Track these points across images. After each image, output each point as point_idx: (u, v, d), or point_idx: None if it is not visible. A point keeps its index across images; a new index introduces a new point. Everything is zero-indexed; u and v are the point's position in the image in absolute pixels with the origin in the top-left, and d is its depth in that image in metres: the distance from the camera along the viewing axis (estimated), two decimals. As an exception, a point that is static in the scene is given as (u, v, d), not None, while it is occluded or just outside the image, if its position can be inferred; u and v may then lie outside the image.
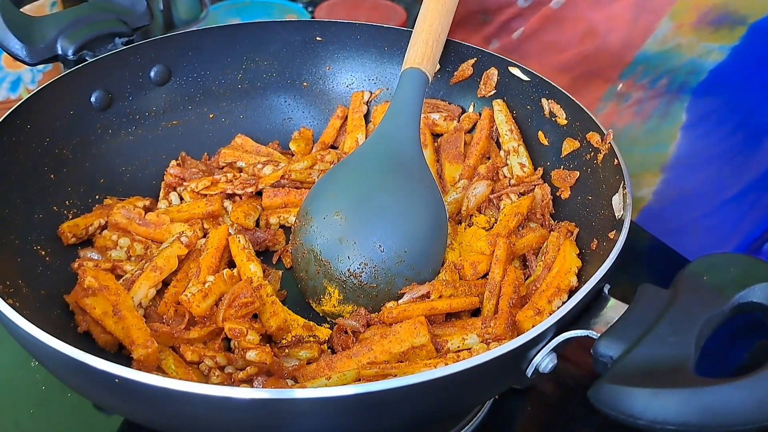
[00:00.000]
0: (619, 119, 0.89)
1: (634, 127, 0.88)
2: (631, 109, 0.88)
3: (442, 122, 0.79)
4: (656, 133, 0.87)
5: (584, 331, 0.50)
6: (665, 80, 0.85)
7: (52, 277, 0.63)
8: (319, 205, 0.65)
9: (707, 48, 0.82)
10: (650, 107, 0.87)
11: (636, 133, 0.88)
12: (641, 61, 0.86)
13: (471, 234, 0.68)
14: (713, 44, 0.81)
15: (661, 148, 0.87)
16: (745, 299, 0.49)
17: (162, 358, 0.57)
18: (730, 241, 0.86)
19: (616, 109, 0.89)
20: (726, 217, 0.86)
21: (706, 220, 0.86)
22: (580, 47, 0.89)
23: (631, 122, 0.88)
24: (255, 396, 0.43)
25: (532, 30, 0.94)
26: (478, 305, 0.63)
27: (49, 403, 0.64)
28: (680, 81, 0.84)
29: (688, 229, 0.88)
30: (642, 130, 0.88)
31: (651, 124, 0.87)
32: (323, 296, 0.64)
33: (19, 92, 0.95)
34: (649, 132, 0.87)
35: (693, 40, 0.82)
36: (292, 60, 0.84)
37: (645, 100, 0.87)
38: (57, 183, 0.69)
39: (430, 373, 0.44)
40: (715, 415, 0.42)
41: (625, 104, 0.88)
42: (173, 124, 0.80)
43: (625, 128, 0.89)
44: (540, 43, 0.94)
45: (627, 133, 0.89)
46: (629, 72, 0.87)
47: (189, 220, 0.70)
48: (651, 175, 0.88)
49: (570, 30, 0.90)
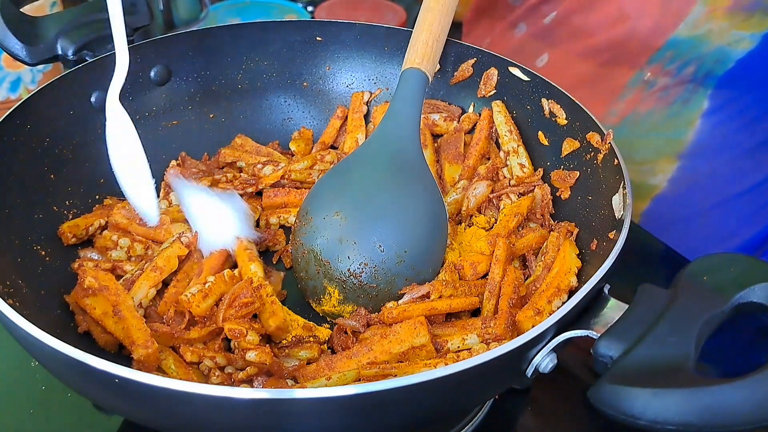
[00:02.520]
0: (641, 105, 0.88)
1: (654, 113, 0.87)
2: (654, 96, 0.87)
3: (442, 123, 0.79)
4: (676, 119, 0.86)
5: (584, 331, 0.50)
6: (692, 68, 0.84)
7: (52, 277, 0.63)
8: (319, 205, 0.65)
9: (738, 36, 0.81)
10: (674, 94, 0.86)
11: (656, 119, 0.87)
12: (671, 47, 0.85)
13: (471, 234, 0.68)
14: (744, 32, 0.81)
15: (679, 134, 0.86)
16: (745, 299, 0.49)
17: (162, 358, 0.57)
18: (739, 234, 0.86)
19: (640, 96, 0.88)
20: (738, 209, 0.86)
21: (716, 210, 0.86)
22: (610, 32, 0.88)
23: (652, 108, 0.87)
24: (255, 396, 0.43)
25: (564, 13, 0.93)
26: (478, 305, 0.63)
27: (49, 403, 0.64)
28: (707, 69, 0.84)
29: (697, 218, 0.87)
30: (662, 116, 0.87)
31: (672, 110, 0.86)
32: (323, 296, 0.64)
33: (19, 92, 0.95)
34: (669, 118, 0.87)
35: (724, 26, 0.81)
36: (292, 60, 0.84)
37: (670, 87, 0.86)
38: (57, 183, 0.69)
39: (430, 373, 0.44)
40: (715, 415, 0.42)
41: (650, 91, 0.87)
42: (173, 124, 0.80)
43: (647, 114, 0.88)
44: (570, 27, 0.93)
45: (647, 119, 0.88)
46: (657, 58, 0.86)
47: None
48: (667, 161, 0.87)
49: (601, 14, 0.89)
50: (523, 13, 0.98)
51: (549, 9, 0.95)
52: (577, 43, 0.92)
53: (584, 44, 0.91)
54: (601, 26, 0.89)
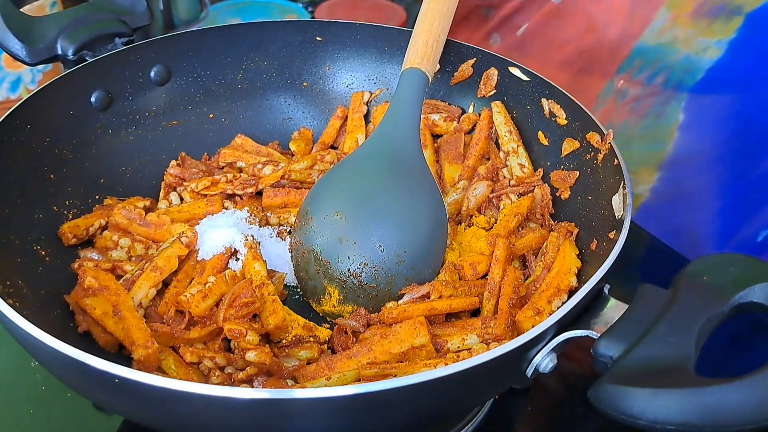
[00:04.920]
0: (616, 116, 0.89)
1: (630, 125, 0.88)
2: (627, 107, 0.88)
3: (442, 123, 0.79)
4: (653, 131, 0.87)
5: (584, 331, 0.50)
6: (661, 77, 0.85)
7: (52, 277, 0.63)
8: (319, 205, 0.65)
9: (704, 44, 0.81)
10: (647, 105, 0.86)
11: (633, 130, 0.88)
12: (638, 55, 0.85)
13: (471, 234, 0.68)
14: (710, 39, 0.81)
15: (659, 146, 0.86)
16: (745, 299, 0.49)
17: (162, 358, 0.57)
18: (726, 248, 0.86)
19: (614, 106, 0.89)
20: (724, 222, 0.86)
21: (703, 224, 0.86)
22: (580, 42, 0.89)
23: (627, 119, 0.88)
24: (255, 396, 0.43)
25: (535, 26, 0.94)
26: (478, 305, 0.63)
27: (49, 403, 0.64)
28: (676, 79, 0.84)
29: (685, 230, 0.87)
30: (639, 127, 0.87)
31: (648, 122, 0.87)
32: (323, 296, 0.64)
33: (19, 92, 0.95)
34: (646, 130, 0.87)
35: (690, 33, 0.82)
36: (292, 60, 0.84)
37: (642, 98, 0.86)
38: (57, 183, 0.69)
39: (430, 373, 0.44)
40: (715, 415, 0.42)
41: (622, 101, 0.88)
42: (173, 124, 0.80)
43: (622, 125, 0.88)
44: (542, 39, 0.94)
45: (624, 130, 0.88)
46: (626, 66, 0.87)
47: (189, 221, 0.70)
48: (648, 172, 0.88)
49: (571, 25, 0.90)
50: (496, 24, 0.99)
51: (521, 20, 0.96)
52: (550, 54, 0.93)
53: (557, 55, 0.92)
54: (571, 38, 0.90)
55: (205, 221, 0.69)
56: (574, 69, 0.91)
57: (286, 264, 0.68)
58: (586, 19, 0.88)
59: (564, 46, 0.91)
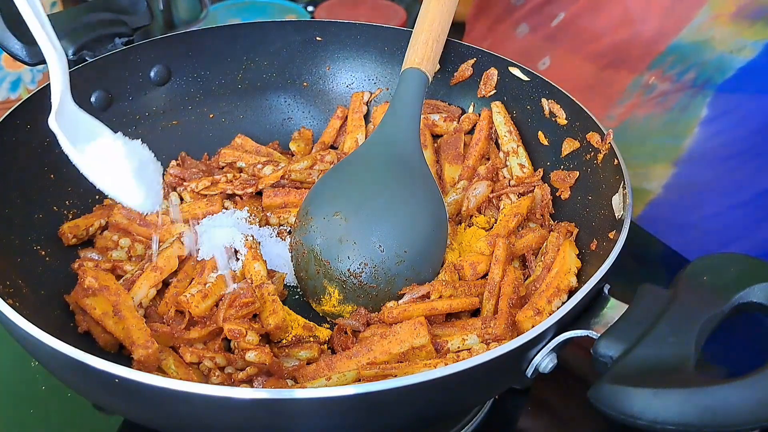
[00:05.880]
0: (639, 109, 0.88)
1: (653, 118, 0.87)
2: (653, 101, 0.87)
3: (441, 123, 0.79)
4: (674, 125, 0.86)
5: (584, 331, 0.50)
6: (692, 74, 0.84)
7: (52, 277, 0.63)
8: (319, 205, 0.65)
9: (740, 43, 0.81)
10: (673, 100, 0.86)
11: (654, 124, 0.87)
12: (673, 52, 0.85)
13: (471, 234, 0.68)
14: (747, 39, 0.80)
15: (676, 141, 0.86)
16: (745, 299, 0.49)
17: (162, 358, 0.57)
18: (733, 248, 0.86)
19: (639, 100, 0.88)
20: (734, 221, 0.85)
21: (712, 220, 0.86)
22: (614, 35, 0.88)
23: (651, 113, 0.87)
24: (255, 396, 0.43)
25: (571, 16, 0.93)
26: (478, 305, 0.63)
27: (49, 403, 0.64)
28: (706, 76, 0.83)
29: (692, 227, 0.87)
30: (660, 121, 0.87)
31: (671, 116, 0.86)
32: (323, 296, 0.64)
33: (19, 92, 0.95)
34: (667, 124, 0.87)
35: (728, 33, 0.81)
36: (292, 60, 0.84)
37: (669, 93, 0.86)
38: (57, 183, 0.69)
39: (430, 373, 0.44)
40: (715, 415, 0.42)
41: (649, 96, 0.87)
42: (173, 124, 0.80)
43: (645, 119, 0.87)
44: (576, 30, 0.93)
45: (645, 123, 0.87)
46: (658, 62, 0.86)
47: (189, 221, 0.70)
48: (662, 167, 0.87)
49: (606, 17, 0.89)
50: (526, 13, 0.98)
51: (555, 10, 0.94)
52: (580, 46, 0.92)
53: (588, 47, 0.90)
54: (606, 29, 0.89)
55: (205, 221, 0.69)
56: (603, 62, 0.90)
57: (286, 264, 0.68)
58: (623, 13, 0.87)
59: (597, 38, 0.90)
